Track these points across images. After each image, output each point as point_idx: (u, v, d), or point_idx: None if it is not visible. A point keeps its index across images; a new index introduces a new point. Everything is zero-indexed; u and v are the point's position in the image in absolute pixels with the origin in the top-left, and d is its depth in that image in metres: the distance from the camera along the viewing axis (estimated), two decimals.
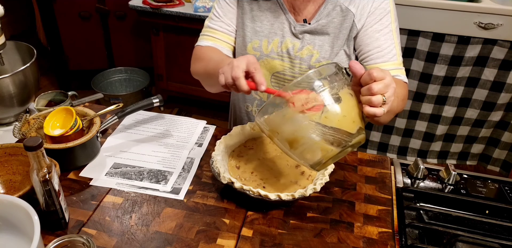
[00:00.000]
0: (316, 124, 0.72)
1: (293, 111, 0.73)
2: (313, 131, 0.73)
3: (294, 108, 0.73)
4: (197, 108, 2.91)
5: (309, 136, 0.73)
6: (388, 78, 0.74)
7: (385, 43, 1.00)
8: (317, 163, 0.77)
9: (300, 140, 0.74)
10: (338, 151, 0.74)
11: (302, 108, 0.72)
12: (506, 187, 1.00)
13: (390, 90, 0.74)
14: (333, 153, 0.75)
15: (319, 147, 0.74)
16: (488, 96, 2.09)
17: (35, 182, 0.74)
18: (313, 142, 0.74)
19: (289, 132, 0.75)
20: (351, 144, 0.75)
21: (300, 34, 1.04)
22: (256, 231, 0.83)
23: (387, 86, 0.74)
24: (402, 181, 0.99)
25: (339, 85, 0.75)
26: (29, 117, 0.97)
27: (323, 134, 0.73)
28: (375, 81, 0.73)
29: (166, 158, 1.02)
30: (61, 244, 0.67)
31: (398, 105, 0.96)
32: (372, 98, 0.73)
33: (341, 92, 0.74)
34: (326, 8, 1.02)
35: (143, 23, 2.67)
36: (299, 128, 0.74)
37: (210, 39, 1.11)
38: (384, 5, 1.01)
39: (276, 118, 0.76)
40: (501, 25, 1.89)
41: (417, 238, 0.84)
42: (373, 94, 0.72)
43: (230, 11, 1.10)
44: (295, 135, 0.74)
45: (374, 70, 0.73)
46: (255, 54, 1.07)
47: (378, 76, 0.73)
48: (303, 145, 0.75)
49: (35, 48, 1.16)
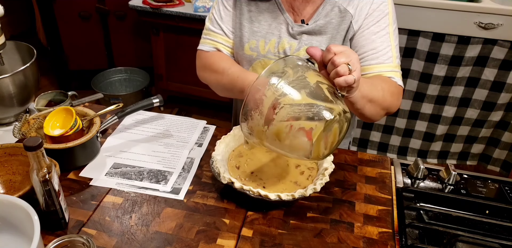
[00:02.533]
0: (291, 105, 0.73)
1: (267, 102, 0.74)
2: (291, 112, 0.73)
3: (267, 99, 0.74)
4: (197, 108, 2.91)
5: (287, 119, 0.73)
6: (348, 49, 0.77)
7: (381, 45, 1.00)
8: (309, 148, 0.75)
9: (283, 127, 0.74)
10: (323, 125, 0.73)
11: (274, 95, 0.74)
12: (506, 187, 1.00)
13: (353, 58, 0.76)
14: (319, 128, 0.73)
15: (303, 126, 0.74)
16: (488, 96, 2.09)
17: (35, 182, 0.74)
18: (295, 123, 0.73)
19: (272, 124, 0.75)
20: (334, 116, 0.73)
21: (297, 35, 1.04)
22: (256, 231, 0.83)
23: (349, 56, 0.76)
24: (402, 181, 0.99)
25: (303, 69, 0.77)
26: (29, 117, 0.97)
27: (300, 112, 0.73)
28: (335, 54, 0.75)
29: (166, 158, 1.02)
30: (61, 244, 0.67)
31: (383, 98, 0.95)
32: (337, 69, 0.75)
33: (307, 73, 0.76)
34: (324, 9, 1.02)
35: (143, 23, 2.67)
36: (277, 116, 0.74)
37: (212, 43, 1.12)
38: (383, 7, 1.00)
39: (256, 118, 0.76)
40: (501, 25, 1.89)
41: (417, 238, 0.84)
42: (337, 65, 0.75)
43: (227, 14, 1.10)
44: (277, 125, 0.74)
45: (332, 45, 0.76)
46: (252, 55, 1.07)
47: (338, 49, 0.76)
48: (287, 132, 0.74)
49: (35, 48, 1.16)
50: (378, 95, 0.94)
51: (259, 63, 1.08)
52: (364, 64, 1.01)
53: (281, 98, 0.74)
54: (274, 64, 0.77)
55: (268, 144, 0.79)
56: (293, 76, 0.75)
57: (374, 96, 0.92)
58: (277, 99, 0.74)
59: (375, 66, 1.00)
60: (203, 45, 1.13)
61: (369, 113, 0.95)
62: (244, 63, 1.10)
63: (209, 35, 1.12)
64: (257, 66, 1.09)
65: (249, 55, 1.08)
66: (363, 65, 1.01)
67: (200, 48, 1.14)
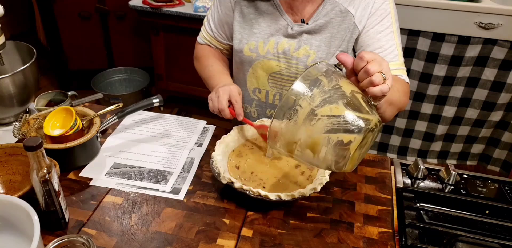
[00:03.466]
0: (329, 117, 0.70)
1: (303, 113, 0.71)
2: (329, 124, 0.70)
3: (303, 110, 0.71)
4: (197, 108, 2.90)
5: (327, 132, 0.70)
6: (379, 57, 0.74)
7: (387, 44, 1.00)
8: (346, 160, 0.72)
9: (321, 140, 0.71)
10: (362, 137, 0.70)
11: (310, 106, 0.70)
12: (506, 187, 1.00)
13: (385, 66, 0.74)
14: (358, 141, 0.70)
15: (342, 139, 0.70)
16: (488, 96, 2.09)
17: (35, 182, 0.74)
18: (334, 136, 0.70)
19: (307, 136, 0.72)
20: (371, 127, 0.71)
21: (297, 35, 1.04)
22: (256, 231, 0.83)
23: (381, 64, 0.73)
24: (402, 181, 0.99)
25: (336, 77, 0.74)
26: (29, 117, 0.97)
27: (339, 124, 0.70)
28: (368, 62, 0.72)
29: (166, 158, 1.02)
30: (61, 244, 0.67)
31: (400, 99, 0.97)
32: (372, 78, 0.72)
33: (341, 82, 0.73)
34: (324, 9, 1.02)
35: (143, 23, 2.67)
36: (314, 128, 0.71)
37: (205, 39, 1.22)
38: (385, 6, 1.01)
39: (289, 128, 0.73)
40: (501, 25, 1.89)
41: (417, 238, 0.84)
42: (372, 74, 0.72)
43: (219, 18, 1.15)
44: (313, 137, 0.71)
45: (365, 53, 0.73)
46: (251, 55, 1.08)
47: (370, 57, 0.73)
48: (324, 145, 0.71)
49: (35, 48, 1.16)
50: (395, 97, 0.95)
51: (258, 64, 1.08)
52: None
53: (317, 109, 0.70)
54: (304, 74, 0.74)
55: (299, 154, 0.75)
56: (328, 86, 0.72)
57: (394, 98, 0.94)
58: (313, 110, 0.70)
59: None
60: (199, 38, 1.23)
61: (388, 115, 0.97)
62: (244, 64, 1.11)
63: (204, 32, 1.22)
64: (257, 67, 1.09)
65: (248, 56, 1.08)
66: None
67: (197, 39, 1.24)
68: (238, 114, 0.98)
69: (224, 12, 1.13)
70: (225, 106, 0.97)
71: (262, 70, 1.09)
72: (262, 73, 1.09)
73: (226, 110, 0.97)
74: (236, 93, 0.99)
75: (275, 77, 1.08)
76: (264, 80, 1.10)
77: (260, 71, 1.09)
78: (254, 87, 1.12)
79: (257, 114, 1.16)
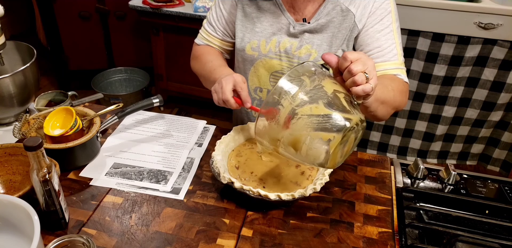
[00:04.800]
0: (309, 116, 0.73)
1: (284, 113, 0.74)
2: (309, 123, 0.73)
3: (284, 109, 0.74)
4: (197, 108, 2.90)
5: (307, 130, 0.73)
6: (364, 56, 0.75)
7: (386, 43, 1.00)
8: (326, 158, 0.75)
9: (301, 138, 0.74)
10: (342, 136, 0.72)
11: (291, 106, 0.73)
12: (506, 187, 1.00)
13: (369, 66, 0.75)
14: (337, 139, 0.73)
15: (321, 137, 0.73)
16: (488, 96, 2.09)
17: (35, 182, 0.74)
18: (313, 134, 0.73)
19: (288, 134, 0.75)
20: (351, 126, 0.73)
21: (299, 34, 1.04)
22: (256, 231, 0.83)
23: (365, 63, 0.74)
24: (402, 181, 0.99)
25: (320, 77, 0.76)
26: (29, 117, 0.97)
27: (318, 123, 0.73)
28: (352, 62, 0.74)
29: (166, 158, 1.02)
30: (61, 244, 0.67)
31: (394, 98, 0.96)
32: (354, 78, 0.73)
33: (323, 82, 0.75)
34: (326, 8, 1.02)
35: (143, 23, 2.67)
36: (294, 126, 0.74)
37: (205, 40, 1.20)
38: (385, 5, 1.01)
39: (273, 127, 0.76)
40: (501, 25, 1.89)
41: (417, 238, 0.84)
42: (354, 74, 0.73)
43: (221, 17, 1.14)
44: (295, 134, 0.74)
45: (349, 53, 0.74)
46: (253, 54, 1.08)
47: (354, 57, 0.74)
48: (305, 143, 0.74)
49: (35, 48, 1.16)
50: (389, 96, 0.94)
51: (260, 62, 1.08)
52: None
53: (298, 108, 0.73)
54: (290, 72, 0.76)
55: (283, 151, 0.78)
56: (310, 86, 0.74)
57: (386, 97, 0.93)
58: (294, 110, 0.73)
59: (381, 64, 1.00)
60: (197, 39, 1.21)
61: (381, 114, 0.97)
62: (246, 63, 1.11)
63: (204, 33, 1.20)
64: (259, 66, 1.09)
65: (250, 55, 1.08)
66: None
67: (195, 41, 1.22)
68: (245, 101, 0.91)
69: (228, 10, 1.12)
70: (230, 96, 0.90)
71: (264, 69, 1.09)
72: (263, 72, 1.09)
73: (231, 100, 0.90)
74: (240, 81, 0.93)
75: (276, 76, 1.08)
76: (265, 79, 1.10)
77: (261, 70, 1.09)
78: (255, 86, 1.12)
79: None
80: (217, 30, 1.17)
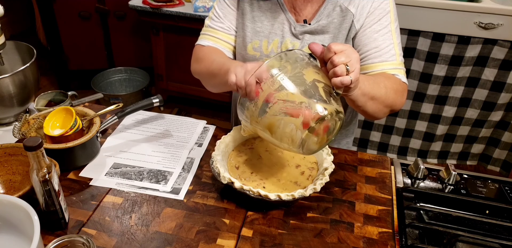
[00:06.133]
0: (284, 102, 0.75)
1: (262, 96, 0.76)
2: (284, 108, 0.75)
3: (263, 93, 0.76)
4: (197, 108, 2.91)
5: (280, 114, 0.76)
6: (349, 49, 0.77)
7: (384, 43, 1.00)
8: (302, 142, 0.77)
9: (276, 122, 0.77)
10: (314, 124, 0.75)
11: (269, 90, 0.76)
12: (506, 187, 1.00)
13: (353, 59, 0.76)
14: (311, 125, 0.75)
15: (293, 123, 0.75)
16: (488, 96, 2.09)
17: (35, 182, 0.74)
18: (286, 119, 0.76)
19: (264, 118, 0.78)
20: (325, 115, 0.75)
21: (300, 35, 1.04)
22: (256, 231, 0.83)
23: (349, 56, 0.76)
24: (402, 181, 0.99)
25: (302, 66, 0.78)
26: (29, 117, 0.97)
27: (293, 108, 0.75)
28: (335, 53, 0.75)
29: (166, 158, 1.02)
30: (61, 244, 0.67)
31: (387, 96, 0.95)
32: (335, 69, 0.75)
33: (305, 71, 0.77)
34: (326, 9, 1.02)
35: (143, 23, 2.67)
36: (270, 110, 0.76)
37: (211, 39, 1.11)
38: (384, 5, 1.01)
39: (251, 109, 0.79)
40: (501, 25, 1.89)
41: (417, 238, 0.84)
42: (335, 65, 0.75)
43: (230, 13, 1.10)
44: (270, 118, 0.77)
45: (333, 44, 0.76)
46: (255, 55, 1.07)
47: (338, 48, 0.76)
48: (279, 127, 0.77)
49: (35, 48, 1.16)
50: (380, 93, 0.93)
51: None
52: (367, 63, 1.01)
53: (276, 93, 0.76)
54: (274, 57, 0.78)
55: (261, 132, 0.82)
56: (291, 72, 0.77)
57: (376, 94, 0.92)
58: (272, 94, 0.76)
59: (378, 64, 1.00)
60: (201, 40, 1.13)
61: (371, 110, 0.95)
62: None
63: (208, 32, 1.12)
64: None
65: (252, 56, 1.08)
66: (367, 64, 1.01)
67: (198, 43, 1.13)
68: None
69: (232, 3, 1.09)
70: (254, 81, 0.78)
71: None
72: None
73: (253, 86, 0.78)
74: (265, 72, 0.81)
75: None
76: None
77: None
78: None
79: None
80: (224, 25, 1.11)
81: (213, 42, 1.11)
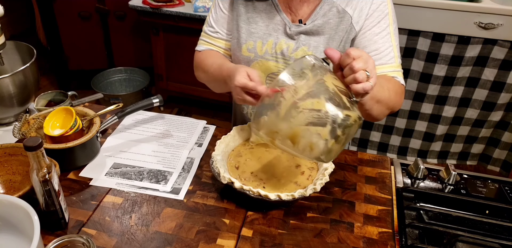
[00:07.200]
0: (310, 111, 0.73)
1: (286, 105, 0.74)
2: (310, 117, 0.73)
3: (286, 101, 0.74)
4: (197, 108, 2.91)
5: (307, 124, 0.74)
6: (365, 54, 0.76)
7: (383, 46, 1.00)
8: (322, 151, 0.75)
9: (300, 132, 0.74)
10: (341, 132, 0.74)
11: (293, 99, 0.73)
12: (506, 187, 1.00)
13: (370, 65, 0.76)
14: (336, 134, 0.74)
15: (319, 133, 0.74)
16: (488, 96, 2.09)
17: (35, 182, 0.74)
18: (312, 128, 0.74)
19: (287, 127, 0.75)
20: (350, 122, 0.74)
21: (295, 35, 1.03)
22: (256, 231, 0.83)
23: (367, 61, 0.75)
24: (402, 181, 0.99)
25: (321, 72, 0.76)
26: (29, 117, 0.97)
27: (319, 117, 0.73)
28: (354, 59, 0.75)
29: (166, 158, 1.02)
30: (61, 244, 0.67)
31: (389, 98, 0.96)
32: (356, 75, 0.74)
33: (325, 76, 0.76)
34: (322, 9, 1.02)
35: (143, 23, 2.67)
36: (295, 120, 0.74)
37: (206, 44, 1.16)
38: (382, 7, 1.01)
39: (272, 118, 0.77)
40: (501, 25, 1.89)
41: (417, 238, 0.84)
42: (356, 71, 0.74)
43: (222, 17, 1.13)
44: (294, 128, 0.74)
45: (351, 50, 0.75)
46: (249, 56, 1.07)
47: (356, 54, 0.75)
48: (304, 137, 0.74)
49: (35, 48, 1.16)
50: (385, 95, 0.95)
51: (256, 64, 1.08)
52: None
53: (300, 102, 0.73)
54: (293, 64, 0.77)
55: (280, 143, 0.78)
56: (313, 80, 0.75)
57: (381, 97, 0.94)
58: (295, 103, 0.73)
59: (378, 67, 1.00)
60: (198, 46, 1.17)
61: (375, 113, 0.97)
62: (242, 64, 1.10)
63: (205, 38, 1.16)
64: (255, 67, 1.09)
65: (246, 57, 1.08)
66: None
67: (196, 49, 1.18)
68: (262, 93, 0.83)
69: (229, 8, 1.11)
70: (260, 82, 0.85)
71: (260, 71, 1.08)
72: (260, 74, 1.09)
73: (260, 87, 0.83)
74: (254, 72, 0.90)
75: (273, 78, 1.08)
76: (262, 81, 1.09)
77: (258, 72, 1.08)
78: None
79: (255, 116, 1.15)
80: (220, 31, 1.14)
81: (210, 47, 1.16)
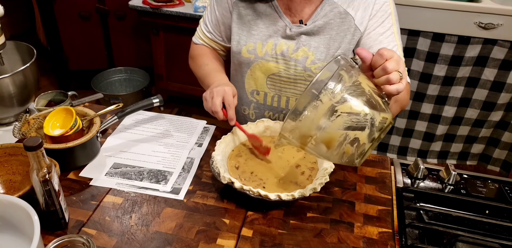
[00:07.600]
0: (349, 114, 0.70)
1: (323, 109, 0.71)
2: (348, 121, 0.71)
3: (323, 105, 0.71)
4: (197, 108, 2.90)
5: (344, 129, 0.71)
6: (396, 55, 0.76)
7: (388, 45, 1.01)
8: (359, 155, 0.74)
9: (337, 136, 0.72)
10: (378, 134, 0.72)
11: (331, 102, 0.70)
12: (506, 187, 1.00)
13: (402, 65, 0.76)
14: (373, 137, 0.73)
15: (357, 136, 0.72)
16: (488, 96, 2.09)
17: (35, 182, 0.74)
18: (351, 133, 0.71)
19: (324, 131, 0.72)
20: (386, 125, 0.73)
21: (296, 36, 1.04)
22: (256, 231, 0.83)
23: (398, 62, 0.75)
24: (402, 181, 0.99)
25: (355, 73, 0.74)
26: (29, 117, 0.97)
27: (358, 121, 0.71)
28: (387, 60, 0.73)
29: (166, 158, 1.02)
30: (61, 244, 0.67)
31: (404, 97, 0.99)
32: (390, 76, 0.73)
33: (360, 78, 0.74)
34: (323, 10, 1.02)
35: (143, 23, 2.67)
36: (333, 124, 0.71)
37: (203, 42, 1.22)
38: (385, 7, 1.01)
39: (306, 122, 0.73)
40: (501, 25, 1.89)
41: (417, 238, 0.84)
42: (390, 72, 0.73)
43: (216, 20, 1.15)
44: (331, 133, 0.72)
45: (384, 50, 0.74)
46: (249, 57, 1.08)
47: (389, 55, 0.74)
48: (342, 141, 0.72)
49: (35, 48, 1.16)
50: (401, 95, 0.96)
51: (256, 66, 1.08)
52: None
53: (338, 105, 0.70)
54: (328, 66, 0.75)
55: (312, 148, 0.76)
56: (349, 82, 0.72)
57: (399, 97, 0.95)
58: (334, 106, 0.70)
59: None
60: (195, 38, 1.22)
61: (392, 112, 0.98)
62: (243, 66, 1.10)
63: (201, 32, 1.21)
64: (255, 69, 1.09)
65: (246, 58, 1.08)
66: None
67: (193, 39, 1.23)
68: (230, 119, 0.97)
69: (221, 13, 1.12)
70: (219, 108, 0.96)
71: (260, 72, 1.09)
72: (260, 75, 1.09)
73: (220, 112, 0.97)
74: (230, 96, 0.97)
75: (273, 79, 1.08)
76: (262, 82, 1.10)
77: (258, 73, 1.09)
78: (252, 89, 1.12)
79: (255, 117, 1.16)
80: (212, 33, 1.18)
81: (203, 43, 1.21)
